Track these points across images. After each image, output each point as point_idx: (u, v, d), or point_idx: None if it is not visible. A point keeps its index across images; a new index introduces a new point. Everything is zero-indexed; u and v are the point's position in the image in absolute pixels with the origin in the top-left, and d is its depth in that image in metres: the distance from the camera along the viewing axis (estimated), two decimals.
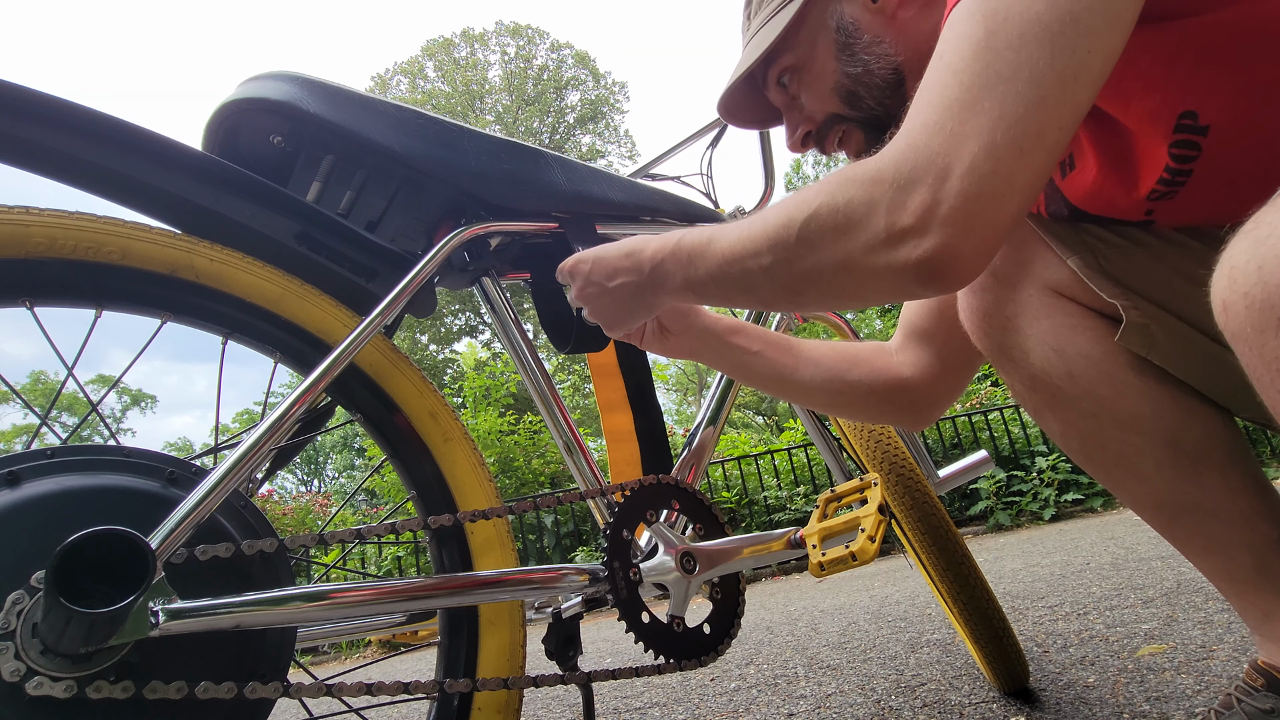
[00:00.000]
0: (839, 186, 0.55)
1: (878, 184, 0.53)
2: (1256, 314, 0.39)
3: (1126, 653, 1.29)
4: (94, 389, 16.74)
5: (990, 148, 0.48)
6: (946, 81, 0.51)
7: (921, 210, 0.50)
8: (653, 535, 0.88)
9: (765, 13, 0.82)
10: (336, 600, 0.66)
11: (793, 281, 0.60)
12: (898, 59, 0.76)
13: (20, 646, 0.52)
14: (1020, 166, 0.49)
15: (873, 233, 0.53)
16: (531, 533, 5.50)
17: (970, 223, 0.49)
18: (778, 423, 12.98)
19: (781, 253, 0.59)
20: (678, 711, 1.50)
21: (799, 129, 0.86)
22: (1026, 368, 0.77)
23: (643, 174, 1.45)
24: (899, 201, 0.51)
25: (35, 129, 0.67)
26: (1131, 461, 0.74)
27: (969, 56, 0.50)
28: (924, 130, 0.51)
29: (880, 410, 0.97)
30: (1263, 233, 0.40)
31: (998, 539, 4.12)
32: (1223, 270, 0.43)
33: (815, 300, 0.62)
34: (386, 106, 0.91)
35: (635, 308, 0.80)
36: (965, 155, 0.49)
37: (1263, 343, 0.40)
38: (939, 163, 0.50)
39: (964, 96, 0.50)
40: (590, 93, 24.59)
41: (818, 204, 0.56)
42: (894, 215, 0.51)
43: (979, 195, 0.48)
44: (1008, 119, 0.48)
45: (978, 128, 0.49)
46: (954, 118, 0.50)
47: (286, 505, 7.27)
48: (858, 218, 0.53)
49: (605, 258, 0.80)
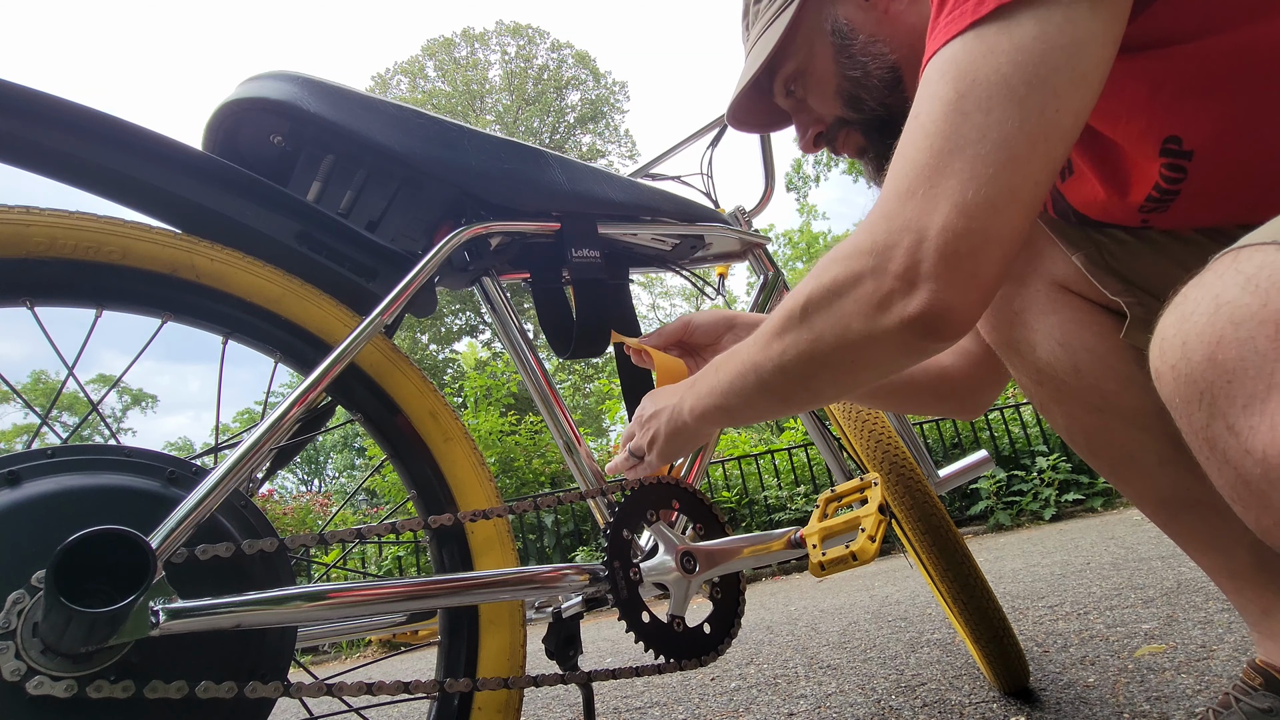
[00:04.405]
0: (824, 268, 0.58)
1: (858, 256, 0.55)
2: (1183, 387, 0.42)
3: (1126, 653, 1.29)
4: (94, 389, 16.74)
5: (962, 206, 0.49)
6: (918, 145, 0.52)
7: (903, 271, 0.52)
8: (653, 535, 0.88)
9: (762, 21, 0.82)
10: (336, 600, 0.66)
11: (803, 368, 0.61)
12: (893, 57, 0.75)
13: (21, 646, 0.52)
14: (995, 221, 0.50)
15: (862, 301, 0.55)
16: (532, 532, 5.50)
17: (953, 276, 0.50)
18: (778, 423, 12.97)
19: (789, 342, 0.61)
20: (678, 711, 1.50)
21: (809, 130, 0.87)
22: (1033, 361, 0.77)
23: (643, 174, 1.45)
24: (881, 267, 0.53)
25: (35, 129, 0.67)
26: (1135, 456, 0.74)
27: (939, 118, 0.51)
28: (896, 198, 0.53)
29: (928, 402, 0.98)
30: (1188, 308, 0.42)
31: (998, 539, 4.12)
32: (1155, 341, 0.45)
33: (830, 382, 0.63)
34: (387, 106, 0.91)
35: (671, 441, 0.82)
36: (938, 215, 0.50)
37: (1190, 413, 0.42)
38: (914, 225, 0.51)
39: (933, 161, 0.51)
40: (590, 93, 24.58)
41: (810, 289, 0.59)
42: (879, 280, 0.53)
43: (956, 251, 0.50)
44: (978, 179, 0.49)
45: (948, 190, 0.50)
46: (925, 181, 0.51)
47: (287, 505, 7.27)
48: (845, 290, 0.56)
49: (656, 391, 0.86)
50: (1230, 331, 0.38)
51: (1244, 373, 0.37)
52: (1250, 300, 0.38)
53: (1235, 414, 0.38)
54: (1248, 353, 0.37)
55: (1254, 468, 0.38)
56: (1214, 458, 0.41)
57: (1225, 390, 0.39)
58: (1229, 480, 0.41)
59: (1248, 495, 0.39)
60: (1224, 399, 0.39)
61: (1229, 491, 0.41)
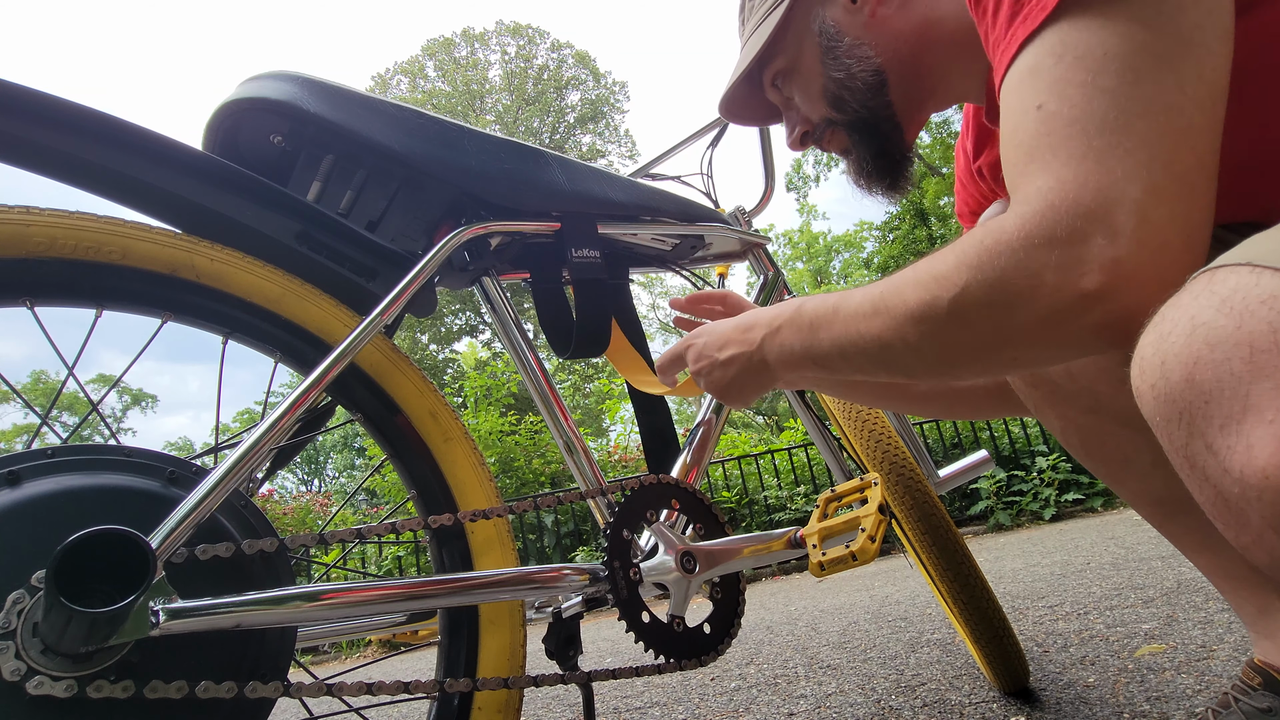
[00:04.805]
0: (983, 255, 0.50)
1: (1031, 249, 0.47)
2: (1163, 406, 0.42)
3: (1126, 652, 1.29)
4: (94, 389, 16.74)
5: (1155, 191, 0.44)
6: (1062, 132, 0.46)
7: (1103, 271, 0.45)
8: (653, 535, 0.88)
9: (756, 17, 0.84)
10: (336, 600, 0.66)
11: (948, 358, 0.55)
12: (878, 60, 0.76)
13: (21, 646, 0.52)
14: (1194, 202, 0.45)
15: (1047, 303, 0.47)
16: (532, 532, 5.49)
17: (1164, 273, 0.44)
18: (778, 422, 12.99)
19: (931, 331, 0.54)
20: (678, 711, 1.50)
21: (796, 129, 0.87)
22: None
23: (643, 174, 1.45)
24: (1069, 266, 0.46)
25: (35, 129, 0.67)
26: (1130, 458, 0.74)
27: (1080, 101, 0.46)
28: (1061, 186, 0.46)
29: (992, 407, 0.98)
30: (1165, 329, 0.42)
31: (998, 539, 4.12)
32: (1135, 360, 0.44)
33: (975, 371, 0.57)
34: (387, 106, 0.91)
35: (747, 383, 0.76)
36: (1129, 204, 0.44)
37: (1170, 432, 0.42)
38: (1100, 217, 0.45)
39: (1097, 143, 0.45)
40: (590, 93, 24.58)
41: (964, 280, 0.51)
42: (1070, 281, 0.46)
43: (1166, 243, 0.44)
44: (1162, 157, 0.44)
45: (1129, 172, 0.44)
46: (1096, 167, 0.45)
47: (287, 505, 7.27)
48: (1019, 289, 0.48)
49: (718, 328, 0.78)
50: (1206, 353, 0.39)
51: (1220, 394, 0.38)
52: (1225, 322, 0.38)
53: (1213, 434, 0.39)
54: (1223, 374, 0.38)
55: (1232, 486, 0.38)
56: (1194, 475, 0.41)
57: (1203, 411, 0.39)
58: (1209, 498, 0.41)
59: (1226, 513, 0.40)
60: (1202, 419, 0.39)
61: (1209, 508, 0.42)
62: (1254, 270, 0.39)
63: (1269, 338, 0.36)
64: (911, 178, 0.84)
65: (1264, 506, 0.36)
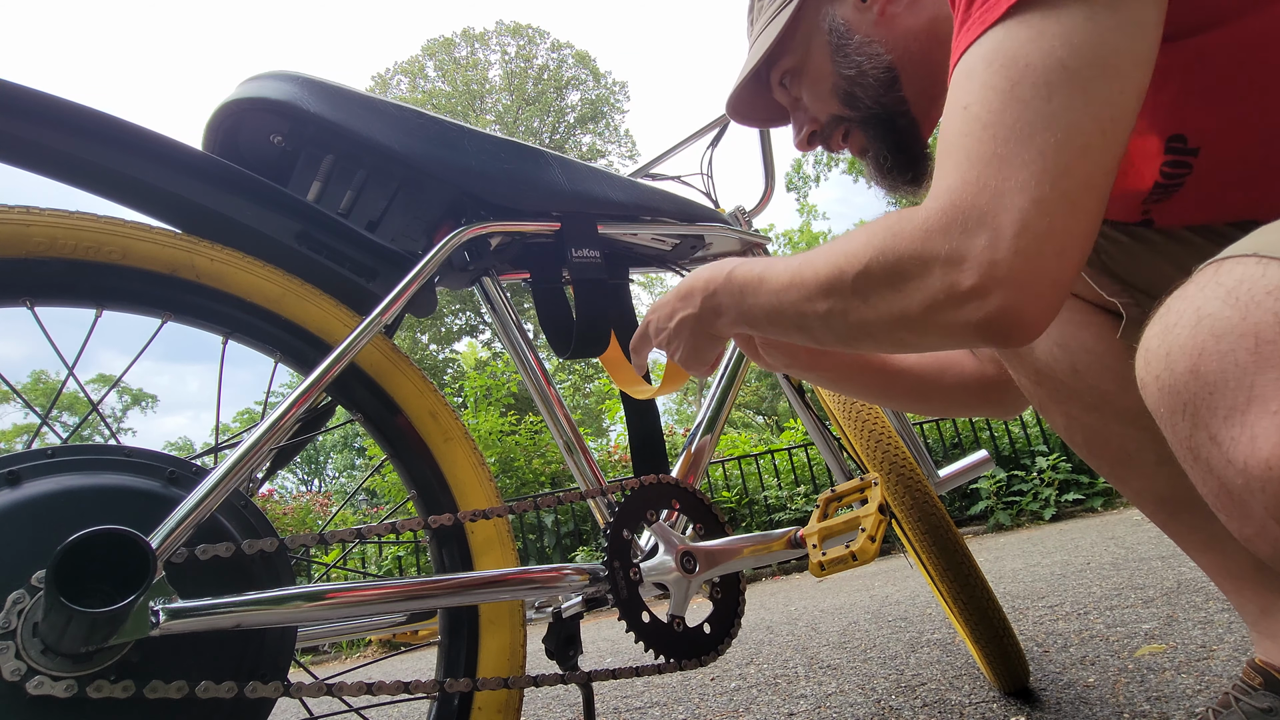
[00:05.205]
0: (887, 239, 0.53)
1: (927, 238, 0.50)
2: (1167, 397, 0.42)
3: (1127, 653, 1.29)
4: (94, 389, 16.74)
5: (1040, 203, 0.46)
6: (977, 135, 0.49)
7: (979, 270, 0.47)
8: (653, 535, 0.88)
9: (765, 16, 0.84)
10: (336, 600, 0.66)
11: (849, 331, 0.59)
12: (889, 57, 0.76)
13: (21, 646, 0.52)
14: (1075, 219, 0.46)
15: (930, 292, 0.50)
16: (532, 532, 5.49)
17: (1034, 283, 0.47)
18: (778, 422, 12.99)
19: (836, 302, 0.57)
20: (678, 711, 1.50)
21: (804, 128, 0.87)
22: (1031, 362, 0.77)
23: (643, 174, 1.45)
24: (954, 260, 0.49)
25: (35, 129, 0.67)
26: (1133, 456, 0.74)
27: (996, 108, 0.48)
28: (963, 187, 0.49)
29: (973, 405, 0.99)
30: (1171, 320, 0.42)
31: (998, 539, 4.12)
32: (1140, 352, 0.45)
33: (871, 348, 0.62)
34: (387, 106, 0.91)
35: (699, 342, 0.79)
36: (1014, 212, 0.46)
37: (1174, 423, 0.42)
38: (989, 221, 0.47)
39: (1000, 150, 0.47)
40: (590, 93, 24.58)
41: (868, 257, 0.54)
42: (951, 275, 0.49)
43: (1040, 253, 0.46)
44: (1052, 171, 0.46)
45: (1021, 183, 0.46)
46: (995, 173, 0.47)
47: (287, 505, 7.26)
48: (911, 274, 0.51)
49: (663, 300, 0.82)
50: (1211, 344, 0.39)
51: (1225, 385, 0.38)
52: (1231, 313, 0.38)
53: (1217, 425, 0.39)
54: (1228, 365, 0.38)
55: (1235, 477, 0.38)
56: (1198, 467, 0.42)
57: (1207, 402, 0.39)
58: (1213, 489, 0.41)
59: (1230, 504, 0.40)
60: (1206, 410, 0.39)
61: (1213, 500, 0.42)
62: (1261, 261, 0.39)
63: (1275, 328, 0.36)
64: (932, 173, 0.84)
65: (1267, 498, 0.36)
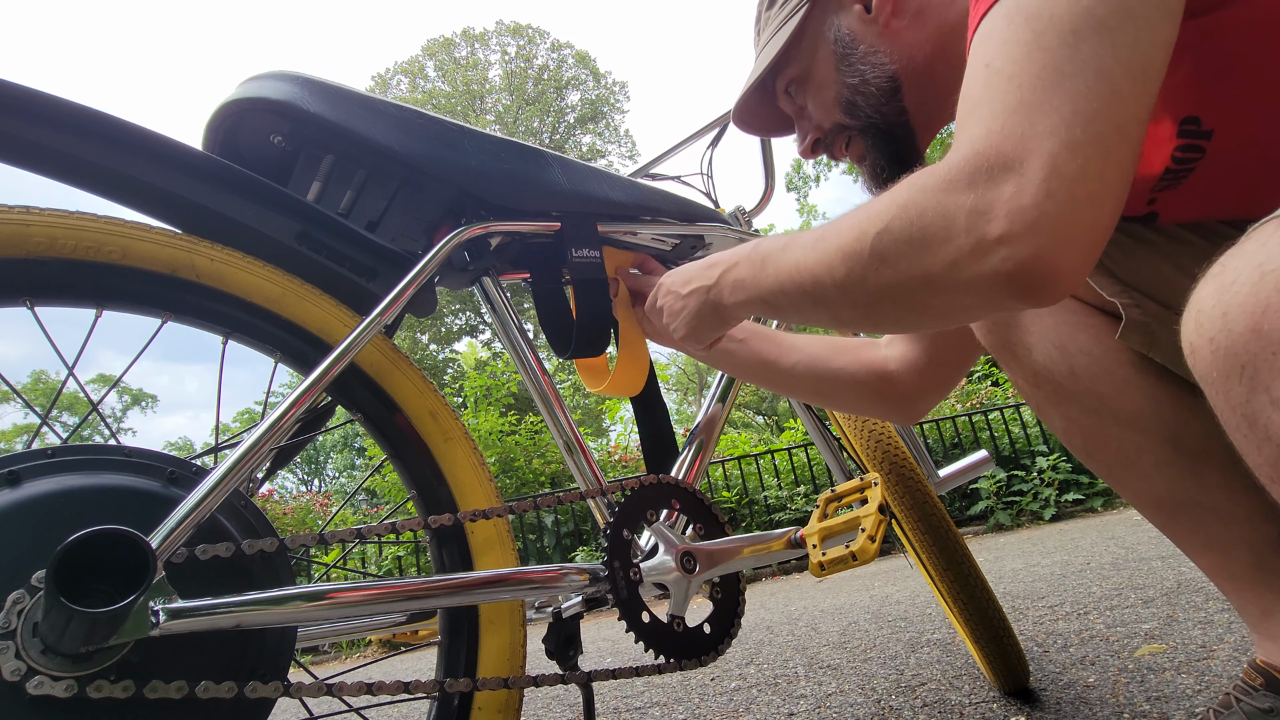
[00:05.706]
0: (910, 197, 0.51)
1: (950, 192, 0.48)
2: (1222, 360, 0.40)
3: (1127, 653, 1.29)
4: (94, 389, 16.73)
5: (1071, 145, 0.44)
6: (1000, 87, 0.47)
7: (1008, 217, 0.45)
8: (653, 535, 0.88)
9: (772, 26, 0.85)
10: (336, 600, 0.66)
11: (869, 298, 0.56)
12: (893, 67, 0.77)
13: (21, 646, 0.52)
14: (1108, 165, 0.44)
15: (956, 246, 0.48)
16: (532, 532, 5.49)
17: (1067, 228, 0.44)
18: (778, 423, 12.98)
19: (856, 268, 0.55)
20: (678, 711, 1.50)
21: (808, 136, 0.88)
22: (1030, 364, 0.77)
23: (643, 174, 1.45)
24: (980, 210, 0.46)
25: (35, 129, 0.66)
26: (1132, 458, 0.74)
27: (1021, 59, 0.47)
28: (988, 136, 0.47)
29: (864, 401, 0.99)
30: (1228, 278, 0.40)
31: (998, 539, 4.12)
32: (1190, 314, 0.43)
33: (894, 317, 0.59)
34: (387, 106, 0.91)
35: (704, 318, 0.79)
36: (1044, 155, 0.44)
37: (1228, 389, 0.40)
38: (1015, 166, 0.45)
39: (1028, 98, 0.46)
40: (590, 93, 24.58)
41: (889, 217, 0.52)
42: (978, 225, 0.47)
43: (1072, 198, 0.44)
44: (1084, 115, 0.44)
45: (1051, 127, 0.45)
46: (1022, 120, 0.46)
47: (287, 505, 7.26)
48: (934, 230, 0.49)
49: (687, 266, 0.81)
50: (1277, 300, 0.36)
51: None
52: None
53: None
54: None
55: None
56: (1253, 435, 0.39)
57: (1270, 363, 0.36)
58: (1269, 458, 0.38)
59: None
60: (1268, 371, 0.37)
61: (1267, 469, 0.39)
62: None
63: None
64: None
65: None
